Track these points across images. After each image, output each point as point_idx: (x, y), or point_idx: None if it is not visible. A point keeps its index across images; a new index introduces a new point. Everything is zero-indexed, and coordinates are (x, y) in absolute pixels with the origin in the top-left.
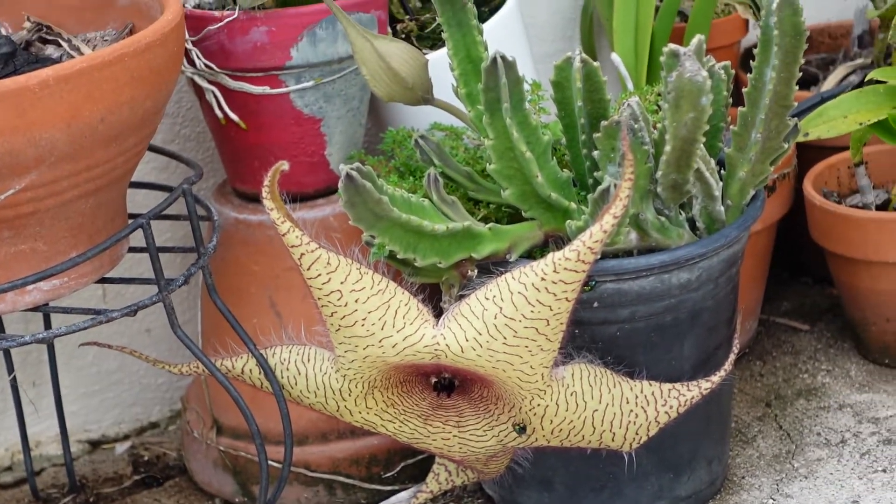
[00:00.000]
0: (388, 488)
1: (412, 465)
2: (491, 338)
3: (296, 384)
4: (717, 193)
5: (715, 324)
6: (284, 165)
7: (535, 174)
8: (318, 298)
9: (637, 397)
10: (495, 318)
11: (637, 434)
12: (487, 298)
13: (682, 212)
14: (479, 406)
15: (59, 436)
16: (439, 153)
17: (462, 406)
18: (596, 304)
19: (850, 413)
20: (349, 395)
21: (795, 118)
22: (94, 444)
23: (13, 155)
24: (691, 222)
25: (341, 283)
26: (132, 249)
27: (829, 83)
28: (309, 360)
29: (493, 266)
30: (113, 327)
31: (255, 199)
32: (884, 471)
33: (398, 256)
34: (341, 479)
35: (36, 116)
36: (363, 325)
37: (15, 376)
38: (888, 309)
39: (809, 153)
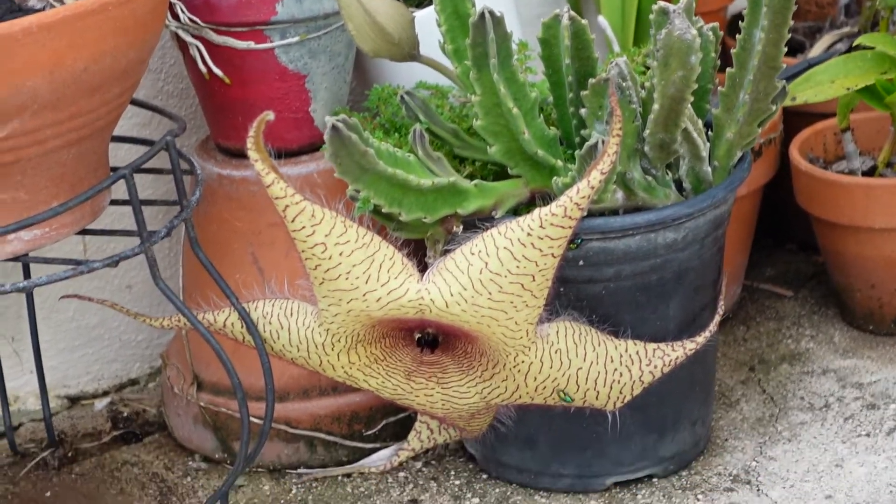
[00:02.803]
0: (370, 446)
1: (394, 422)
2: (476, 293)
3: (278, 338)
4: (705, 154)
5: (700, 284)
6: (270, 116)
7: (521, 131)
8: (303, 251)
9: (622, 356)
10: (480, 273)
11: (621, 393)
12: (473, 253)
13: (668, 172)
14: (463, 362)
15: (37, 391)
16: (425, 109)
17: (446, 362)
18: (581, 263)
19: (834, 378)
20: (332, 349)
21: (784, 81)
22: (73, 400)
23: None
24: (678, 183)
25: (325, 235)
26: (114, 202)
27: (815, 51)
28: (292, 314)
29: (478, 222)
30: (93, 283)
31: (239, 154)
32: (867, 435)
33: (383, 211)
34: (322, 436)
35: (19, 64)
36: (347, 279)
37: None
38: (873, 275)
39: (795, 120)
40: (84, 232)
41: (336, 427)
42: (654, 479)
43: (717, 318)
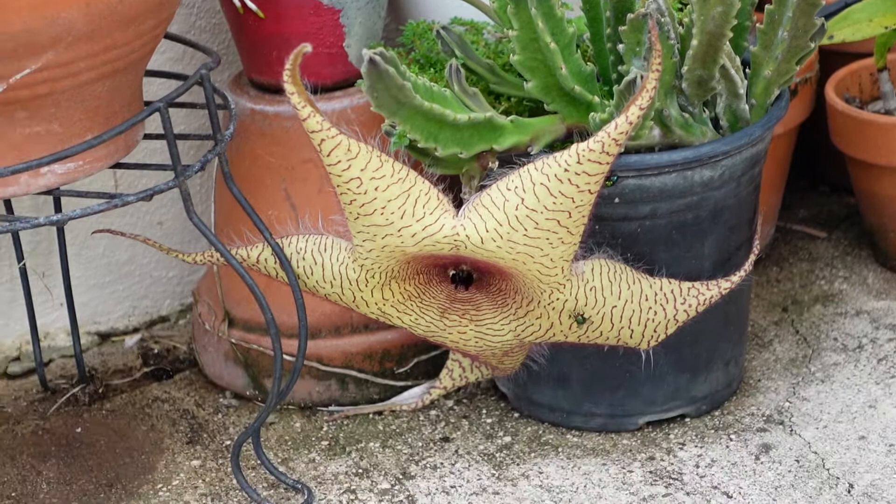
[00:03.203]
0: (401, 384)
1: (425, 361)
2: (511, 229)
3: (312, 274)
4: (742, 91)
5: (736, 223)
6: (307, 48)
7: (559, 66)
8: (338, 186)
9: (656, 294)
10: (517, 209)
11: (655, 332)
12: (509, 189)
13: (706, 109)
14: (497, 300)
15: (68, 327)
16: (461, 44)
17: (480, 300)
18: (617, 200)
19: (868, 319)
20: (366, 285)
21: (823, 18)
22: (104, 337)
23: (31, 33)
24: (715, 121)
25: (361, 170)
26: (148, 137)
27: None
28: (326, 250)
29: (514, 158)
30: (125, 219)
31: (273, 90)
32: None
33: (419, 146)
34: (353, 373)
35: None
36: (382, 214)
37: (25, 264)
38: None
39: (831, 59)
40: (118, 166)
41: (367, 364)
42: (687, 420)
43: (752, 258)
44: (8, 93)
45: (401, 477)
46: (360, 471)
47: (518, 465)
